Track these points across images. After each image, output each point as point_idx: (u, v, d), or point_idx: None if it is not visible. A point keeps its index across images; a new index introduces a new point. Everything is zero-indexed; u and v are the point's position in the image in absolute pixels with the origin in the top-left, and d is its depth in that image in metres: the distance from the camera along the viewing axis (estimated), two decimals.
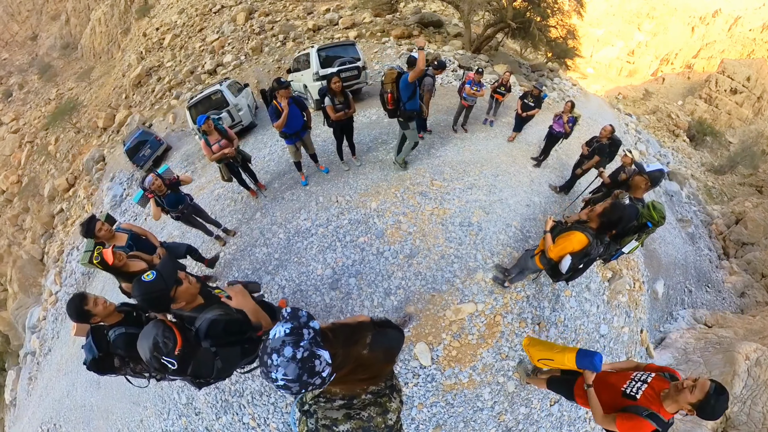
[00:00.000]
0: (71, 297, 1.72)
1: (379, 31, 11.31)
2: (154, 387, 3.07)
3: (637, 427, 1.51)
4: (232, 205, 4.54)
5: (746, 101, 25.21)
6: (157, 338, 1.30)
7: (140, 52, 18.29)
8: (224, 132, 3.63)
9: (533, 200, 4.34)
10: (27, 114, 24.12)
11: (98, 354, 1.70)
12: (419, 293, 3.03)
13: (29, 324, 7.91)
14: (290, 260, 3.39)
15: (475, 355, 2.78)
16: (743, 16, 45.32)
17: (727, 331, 4.39)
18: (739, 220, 8.59)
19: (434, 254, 3.30)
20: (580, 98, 11.62)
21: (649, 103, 22.91)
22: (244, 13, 14.60)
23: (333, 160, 4.64)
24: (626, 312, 3.70)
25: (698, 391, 1.38)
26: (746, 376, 3.44)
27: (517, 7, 9.80)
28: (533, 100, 5.03)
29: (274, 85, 3.31)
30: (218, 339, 1.44)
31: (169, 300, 1.43)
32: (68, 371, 4.61)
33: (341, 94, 3.58)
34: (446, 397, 2.61)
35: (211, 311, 1.47)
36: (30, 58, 33.17)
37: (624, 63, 46.99)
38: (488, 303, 3.04)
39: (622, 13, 53.16)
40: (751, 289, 6.25)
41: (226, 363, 1.52)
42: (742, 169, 17.29)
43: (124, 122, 14.04)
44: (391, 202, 3.82)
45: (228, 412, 2.70)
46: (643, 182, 2.38)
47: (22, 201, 16.33)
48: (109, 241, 2.50)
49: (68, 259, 8.80)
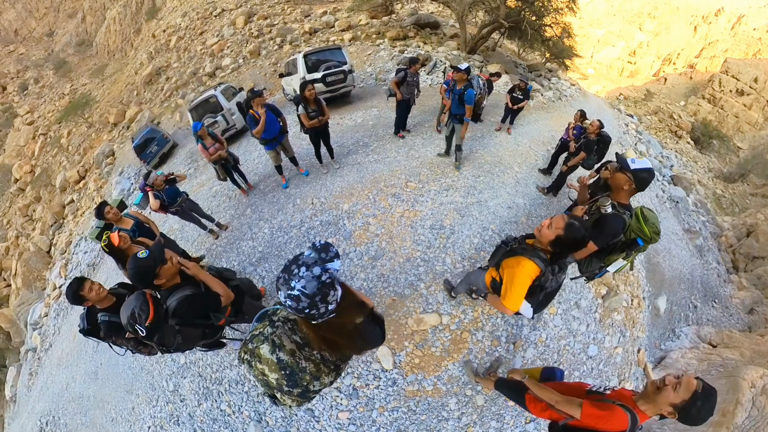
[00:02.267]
0: (71, 281, 2.04)
1: (374, 33, 11.45)
2: (145, 376, 3.30)
3: (607, 416, 1.28)
4: (227, 201, 4.88)
5: (755, 104, 24.37)
6: (134, 309, 1.61)
7: (150, 52, 18.90)
8: (215, 137, 4.05)
9: (516, 202, 4.20)
10: (41, 107, 25.12)
11: (87, 326, 2.14)
12: (380, 296, 3.01)
13: (31, 320, 7.92)
14: (271, 254, 3.63)
15: (439, 366, 2.67)
16: (746, 14, 44.27)
17: (733, 352, 4.01)
18: (751, 232, 8.21)
19: (399, 257, 3.30)
20: (578, 98, 11.45)
21: (651, 103, 22.47)
22: (244, 16, 14.93)
23: (313, 162, 4.82)
24: (621, 331, 3.40)
25: (683, 390, 1.15)
26: (750, 405, 3.06)
27: (510, 6, 9.77)
28: (521, 93, 5.49)
29: (249, 95, 3.55)
30: (183, 317, 1.73)
31: (154, 276, 1.68)
32: (68, 364, 4.69)
33: (314, 101, 3.74)
34: (409, 403, 2.56)
35: (183, 290, 1.76)
36: (46, 53, 34.37)
37: (625, 63, 46.09)
38: (455, 316, 2.84)
39: (623, 13, 52.27)
40: (760, 306, 5.91)
41: (186, 340, 1.85)
42: (754, 178, 16.55)
43: (134, 118, 14.58)
44: (362, 203, 3.95)
45: (208, 399, 2.84)
46: (625, 181, 1.77)
47: (34, 190, 17.01)
48: (117, 223, 2.80)
49: (75, 251, 9.12)
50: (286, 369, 1.00)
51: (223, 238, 4.16)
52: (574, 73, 14.89)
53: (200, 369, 3.02)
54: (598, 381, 2.99)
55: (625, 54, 47.45)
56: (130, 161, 10.67)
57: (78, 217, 11.78)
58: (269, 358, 1.00)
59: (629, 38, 48.97)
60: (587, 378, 2.95)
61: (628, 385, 3.18)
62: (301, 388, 1.02)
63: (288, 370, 1.00)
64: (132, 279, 1.73)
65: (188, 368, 3.09)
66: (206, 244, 4.15)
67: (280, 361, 1.00)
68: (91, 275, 7.66)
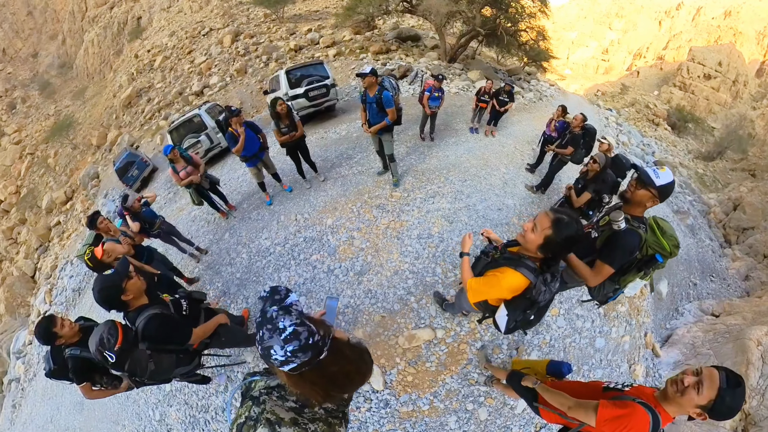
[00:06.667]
0: (40, 319, 1.93)
1: (358, 48, 11.75)
2: (131, 405, 3.22)
3: (627, 415, 1.10)
4: (206, 226, 4.79)
5: (722, 86, 26.20)
6: (102, 335, 1.57)
7: (131, 74, 18.92)
8: (189, 159, 3.91)
9: (506, 203, 4.16)
10: (29, 127, 24.92)
11: (53, 367, 1.99)
12: (368, 313, 2.88)
13: (14, 349, 7.61)
14: (249, 279, 3.55)
15: (435, 381, 2.51)
16: (704, 5, 48.41)
17: (735, 318, 4.07)
18: (737, 206, 8.48)
19: (387, 270, 3.18)
20: (558, 97, 11.85)
21: (627, 96, 23.48)
22: (231, 35, 15.19)
23: (297, 178, 4.82)
24: (627, 321, 3.33)
25: (707, 390, 1.01)
26: (761, 363, 3.06)
27: (486, 14, 10.15)
28: (507, 96, 5.72)
29: (227, 114, 3.58)
30: (153, 339, 1.70)
31: (121, 292, 1.67)
32: (53, 395, 4.52)
33: (287, 117, 3.75)
34: (404, 425, 2.37)
35: (151, 309, 1.74)
36: (32, 74, 34.31)
37: (599, 61, 49.10)
38: (450, 330, 2.70)
39: (593, 15, 56.43)
40: (755, 271, 6.10)
41: (159, 366, 1.77)
42: (732, 154, 17.42)
43: (115, 141, 14.55)
44: (346, 217, 3.94)
45: (195, 428, 2.76)
46: (649, 198, 1.55)
47: (19, 212, 16.64)
48: (107, 234, 2.79)
49: (61, 275, 8.88)
50: None
51: (203, 261, 4.10)
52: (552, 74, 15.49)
53: (186, 396, 2.95)
54: (607, 370, 2.88)
55: (599, 53, 50.86)
56: (114, 184, 10.59)
57: (64, 240, 11.50)
58: None
59: (601, 38, 52.72)
60: (596, 369, 2.88)
61: (638, 368, 3.09)
62: None
63: None
64: (99, 296, 1.70)
65: (174, 396, 3.01)
66: (188, 268, 4.08)
67: None
68: (76, 300, 7.44)
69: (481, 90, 5.93)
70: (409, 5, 11.08)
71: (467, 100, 8.12)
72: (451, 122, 6.64)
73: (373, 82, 3.29)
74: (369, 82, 3.30)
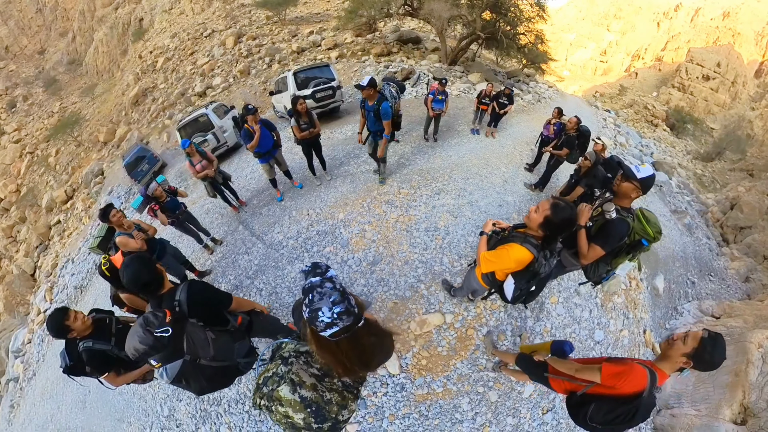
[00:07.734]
0: (52, 312, 1.83)
1: (359, 50, 11.94)
2: (138, 401, 3.13)
3: (626, 371, 1.34)
4: (219, 219, 4.94)
5: (721, 87, 26.39)
6: (147, 316, 1.31)
7: (137, 73, 19.04)
8: (204, 154, 4.12)
9: (506, 200, 4.36)
10: (30, 125, 24.74)
11: (70, 362, 1.88)
12: (382, 300, 3.01)
13: (13, 348, 7.46)
14: (268, 265, 3.67)
15: (447, 366, 2.63)
16: (703, 6, 48.55)
17: (736, 320, 4.07)
18: (734, 205, 8.57)
19: (398, 260, 3.35)
20: (557, 99, 12.02)
21: (626, 97, 23.71)
22: (233, 37, 15.34)
23: (307, 175, 4.96)
24: (624, 314, 3.44)
25: (691, 340, 1.29)
26: (761, 363, 3.20)
27: (486, 18, 10.37)
28: (506, 98, 5.89)
29: (243, 111, 3.72)
30: (201, 303, 1.53)
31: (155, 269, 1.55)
32: (53, 394, 4.44)
33: (306, 114, 3.92)
34: (419, 408, 2.46)
35: (184, 285, 1.59)
36: (36, 71, 34.08)
37: (598, 63, 49.53)
38: (458, 314, 2.84)
39: (591, 17, 56.58)
40: (755, 273, 6.05)
41: (216, 343, 1.48)
42: (730, 154, 17.66)
43: (124, 137, 14.57)
44: (357, 212, 4.08)
45: (207, 422, 2.69)
46: (632, 189, 1.83)
47: (19, 210, 16.50)
48: (120, 228, 2.75)
49: (62, 273, 8.83)
50: (311, 406, 0.94)
51: (218, 252, 4.22)
52: (550, 76, 15.77)
53: None
54: None
55: (597, 54, 51.23)
56: (119, 180, 10.58)
57: (65, 239, 11.45)
58: (291, 398, 0.94)
59: (599, 39, 53.04)
60: None
61: None
62: (331, 422, 0.97)
63: (314, 406, 0.94)
64: (138, 275, 1.51)
65: (183, 390, 3.01)
66: (201, 260, 4.18)
67: (303, 400, 0.94)
68: (78, 298, 7.44)
69: (482, 93, 6.13)
70: (411, 8, 11.31)
71: (468, 102, 8.32)
72: (454, 124, 6.81)
73: (371, 93, 3.38)
74: (367, 93, 3.39)
